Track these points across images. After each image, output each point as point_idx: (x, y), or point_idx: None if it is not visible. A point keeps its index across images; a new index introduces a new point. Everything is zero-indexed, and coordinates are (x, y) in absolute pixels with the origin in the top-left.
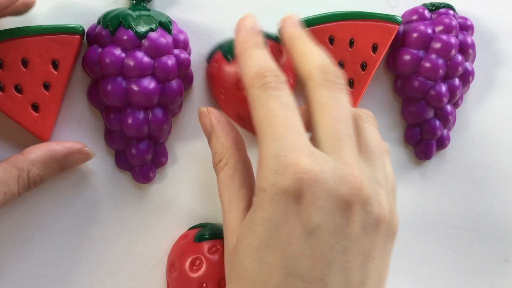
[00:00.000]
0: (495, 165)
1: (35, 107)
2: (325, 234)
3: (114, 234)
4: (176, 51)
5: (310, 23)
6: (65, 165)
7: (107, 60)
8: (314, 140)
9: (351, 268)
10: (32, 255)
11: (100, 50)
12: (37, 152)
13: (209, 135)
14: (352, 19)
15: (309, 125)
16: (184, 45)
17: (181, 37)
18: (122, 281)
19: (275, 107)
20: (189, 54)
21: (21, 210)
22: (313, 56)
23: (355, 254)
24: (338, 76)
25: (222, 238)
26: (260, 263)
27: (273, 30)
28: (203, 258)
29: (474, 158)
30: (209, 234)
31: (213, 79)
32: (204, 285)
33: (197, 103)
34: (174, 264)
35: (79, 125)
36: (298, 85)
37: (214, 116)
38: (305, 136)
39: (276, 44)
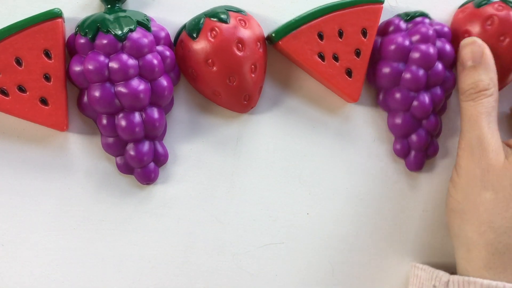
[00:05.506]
0: None
1: (44, 101)
2: None
3: (114, 235)
4: (159, 48)
5: (296, 25)
6: None
7: (91, 68)
8: None
9: None
10: (32, 255)
11: (82, 59)
12: None
13: (474, 64)
14: (335, 11)
15: None
16: (165, 41)
17: (162, 33)
18: (122, 281)
19: None
20: (172, 48)
21: (22, 210)
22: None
23: None
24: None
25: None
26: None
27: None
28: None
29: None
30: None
31: (182, 59)
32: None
33: (188, 97)
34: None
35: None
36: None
37: (487, 50)
38: None
39: (240, 14)
